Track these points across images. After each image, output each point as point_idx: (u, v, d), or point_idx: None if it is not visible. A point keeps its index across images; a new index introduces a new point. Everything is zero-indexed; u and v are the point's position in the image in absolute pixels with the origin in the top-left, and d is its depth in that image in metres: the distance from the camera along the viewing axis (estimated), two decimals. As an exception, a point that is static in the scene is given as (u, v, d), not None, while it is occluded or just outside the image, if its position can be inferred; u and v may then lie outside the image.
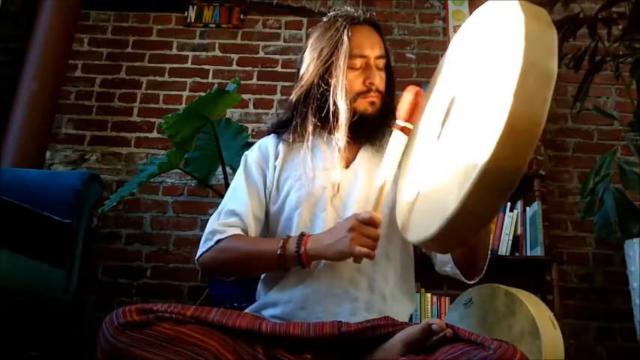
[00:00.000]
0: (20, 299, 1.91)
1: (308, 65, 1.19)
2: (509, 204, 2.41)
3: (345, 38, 1.14)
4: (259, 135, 2.45)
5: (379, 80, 1.17)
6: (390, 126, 1.21)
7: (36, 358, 2.09)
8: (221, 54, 2.90)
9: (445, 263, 1.11)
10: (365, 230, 0.99)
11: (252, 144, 1.31)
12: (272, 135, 1.27)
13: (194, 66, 2.87)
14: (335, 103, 1.13)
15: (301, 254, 1.03)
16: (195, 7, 2.94)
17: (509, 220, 2.38)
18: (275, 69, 2.86)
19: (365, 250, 0.97)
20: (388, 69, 1.22)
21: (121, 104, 2.82)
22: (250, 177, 1.21)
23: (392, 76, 1.23)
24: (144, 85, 2.84)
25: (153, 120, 2.78)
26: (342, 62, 1.13)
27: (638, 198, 2.21)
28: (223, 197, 1.24)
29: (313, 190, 1.13)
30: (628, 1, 2.21)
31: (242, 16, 2.94)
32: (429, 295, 2.33)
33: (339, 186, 1.14)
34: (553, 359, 1.12)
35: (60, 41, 2.66)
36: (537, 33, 0.69)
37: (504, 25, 0.77)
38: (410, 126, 1.02)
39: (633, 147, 2.13)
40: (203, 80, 2.85)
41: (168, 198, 2.67)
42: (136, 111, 2.81)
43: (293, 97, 1.21)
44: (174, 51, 2.90)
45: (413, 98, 1.01)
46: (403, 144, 1.02)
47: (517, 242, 2.37)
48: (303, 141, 1.17)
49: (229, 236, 1.13)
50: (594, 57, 2.23)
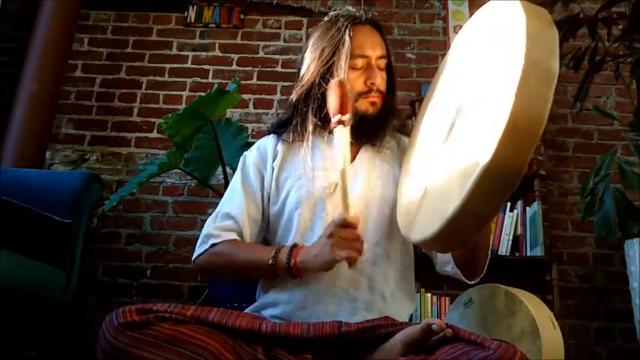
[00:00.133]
0: (20, 299, 1.91)
1: (309, 65, 1.19)
2: (509, 204, 2.41)
3: (347, 38, 1.14)
4: (259, 135, 2.45)
5: (380, 80, 1.17)
6: (391, 126, 1.21)
7: (36, 358, 2.09)
8: (221, 54, 2.90)
9: (445, 263, 1.11)
10: (343, 233, 0.98)
11: (252, 144, 1.31)
12: (272, 135, 1.27)
13: (194, 66, 2.87)
14: (336, 103, 1.13)
15: (292, 266, 1.03)
16: (195, 7, 2.94)
17: (509, 220, 2.38)
18: (275, 69, 2.86)
19: (348, 254, 0.96)
20: (389, 69, 1.22)
21: (121, 104, 2.81)
22: (247, 179, 1.21)
23: (393, 77, 1.23)
24: (144, 85, 2.84)
25: (153, 120, 2.78)
26: (344, 62, 1.13)
27: (638, 198, 2.21)
28: (222, 197, 1.24)
29: (313, 190, 1.13)
30: (628, 1, 2.21)
31: (242, 16, 2.94)
32: (429, 295, 2.33)
33: (338, 185, 1.14)
34: (553, 359, 1.12)
35: (60, 41, 2.65)
36: (539, 33, 0.70)
37: (506, 25, 0.77)
38: (344, 117, 1.02)
39: (633, 147, 2.13)
40: (203, 80, 2.85)
41: (168, 198, 2.67)
42: (136, 111, 2.81)
43: (293, 97, 1.21)
44: (174, 51, 2.90)
45: (338, 90, 1.02)
46: (347, 135, 1.03)
47: (517, 242, 2.37)
48: (303, 140, 1.17)
49: (224, 241, 1.13)
50: (594, 57, 2.23)
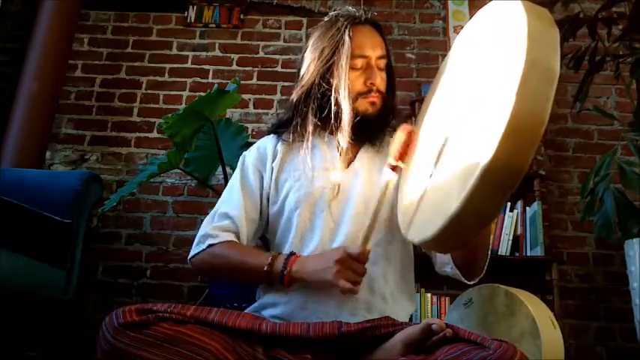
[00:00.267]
0: (20, 299, 1.91)
1: (309, 65, 1.18)
2: (509, 204, 2.41)
3: (347, 38, 1.14)
4: (259, 135, 2.45)
5: (380, 81, 1.16)
6: (391, 126, 1.21)
7: (36, 358, 2.09)
8: (221, 54, 2.90)
9: (445, 264, 1.11)
10: (352, 265, 0.98)
11: (252, 144, 1.31)
12: (271, 135, 1.27)
13: (194, 66, 2.87)
14: (337, 103, 1.13)
15: (284, 275, 1.04)
16: (195, 7, 2.94)
17: (509, 220, 2.38)
18: (275, 69, 2.86)
19: (348, 286, 0.97)
20: (389, 69, 1.21)
21: (121, 104, 2.81)
22: (246, 179, 1.21)
23: (393, 77, 1.23)
24: (144, 85, 2.84)
25: (153, 120, 2.78)
26: (344, 62, 1.13)
27: (638, 198, 2.21)
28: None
29: (312, 191, 1.13)
30: (628, 1, 2.21)
31: (242, 16, 2.94)
32: (429, 295, 2.33)
33: (339, 187, 1.14)
34: (553, 359, 1.12)
35: (60, 41, 2.65)
36: (540, 32, 0.69)
37: (507, 25, 0.77)
38: (402, 165, 1.02)
39: (633, 147, 2.13)
40: (203, 80, 2.85)
41: (168, 198, 2.67)
42: (136, 111, 2.81)
43: (293, 97, 1.21)
44: (174, 51, 2.90)
45: (406, 137, 1.01)
46: (394, 182, 1.02)
47: (517, 242, 2.37)
48: (302, 141, 1.17)
49: (221, 242, 1.13)
50: (594, 57, 2.23)
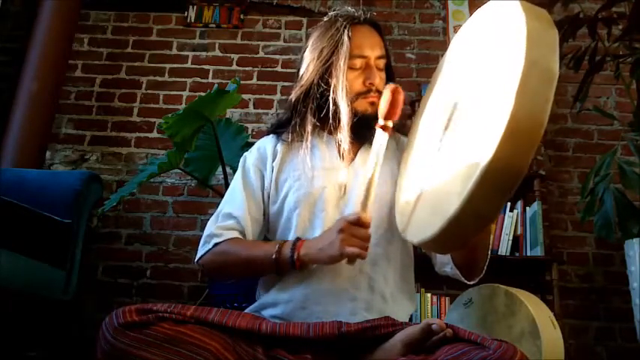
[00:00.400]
0: (20, 299, 1.91)
1: (308, 65, 1.18)
2: (509, 204, 2.41)
3: (346, 38, 1.14)
4: (259, 135, 2.45)
5: (379, 80, 1.16)
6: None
7: (36, 358, 2.09)
8: (221, 54, 2.90)
9: (445, 264, 1.11)
10: (354, 231, 0.99)
11: (252, 144, 1.31)
12: (271, 135, 1.27)
13: (194, 66, 2.87)
14: (336, 104, 1.13)
15: (295, 260, 1.04)
16: (195, 7, 2.94)
17: (509, 220, 2.39)
18: (275, 69, 2.86)
19: (355, 250, 0.97)
20: (388, 69, 1.21)
21: (121, 104, 2.82)
22: (248, 179, 1.21)
23: (392, 77, 1.23)
24: (144, 85, 2.84)
25: (153, 120, 2.78)
26: (343, 62, 1.13)
27: (638, 198, 2.21)
28: (223, 198, 1.24)
29: (312, 190, 1.13)
30: (628, 1, 2.21)
31: (242, 16, 2.94)
32: (429, 295, 2.33)
33: (346, 187, 1.14)
34: (553, 359, 1.12)
35: (60, 41, 2.65)
36: (539, 33, 0.70)
37: (505, 26, 0.77)
38: (390, 124, 1.03)
39: (633, 147, 2.13)
40: (203, 80, 2.85)
41: (168, 198, 2.67)
42: (136, 111, 2.81)
43: (292, 97, 1.21)
44: (174, 51, 2.90)
45: (390, 96, 1.02)
46: (385, 141, 1.03)
47: (517, 242, 2.37)
48: (302, 141, 1.17)
49: (226, 240, 1.13)
50: (594, 57, 2.23)
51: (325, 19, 1.22)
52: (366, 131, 1.16)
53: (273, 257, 1.06)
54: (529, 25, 0.69)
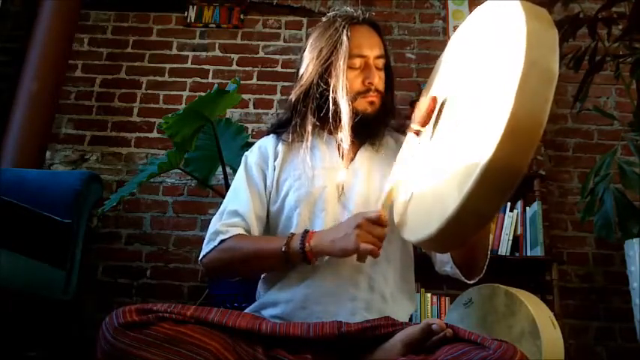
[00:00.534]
0: (20, 299, 1.91)
1: (307, 65, 1.19)
2: (509, 204, 2.41)
3: (345, 38, 1.14)
4: (259, 135, 2.45)
5: (378, 80, 1.17)
6: (390, 126, 1.21)
7: (36, 358, 2.09)
8: (221, 54, 2.90)
9: (445, 263, 1.11)
10: (371, 229, 0.99)
11: (252, 144, 1.31)
12: (271, 135, 1.27)
13: (194, 66, 2.87)
14: (335, 103, 1.13)
15: (306, 251, 1.03)
16: (195, 7, 2.95)
17: (509, 220, 2.39)
18: (275, 69, 2.86)
19: (370, 247, 0.98)
20: (388, 69, 1.22)
21: (121, 104, 2.82)
22: (251, 177, 1.21)
23: (391, 76, 1.23)
24: (144, 85, 2.84)
25: (153, 120, 2.78)
26: (342, 62, 1.13)
27: (638, 198, 2.21)
28: (223, 197, 1.24)
29: (312, 190, 1.13)
30: (628, 1, 2.21)
31: (242, 16, 2.94)
32: (429, 295, 2.33)
33: (343, 186, 1.14)
34: (553, 359, 1.12)
35: (60, 41, 2.66)
36: (538, 32, 0.69)
37: (505, 25, 0.77)
38: (422, 129, 1.03)
39: (633, 147, 2.13)
40: (203, 80, 2.85)
41: (168, 198, 2.67)
42: (136, 111, 2.81)
43: (292, 97, 1.21)
44: (174, 51, 2.90)
45: (431, 104, 1.02)
46: (415, 147, 1.03)
47: (517, 242, 2.37)
48: (302, 141, 1.17)
49: (232, 236, 1.13)
50: (594, 57, 2.23)
51: (324, 19, 1.22)
52: (366, 131, 1.17)
53: (282, 250, 1.05)
54: (529, 25, 0.69)
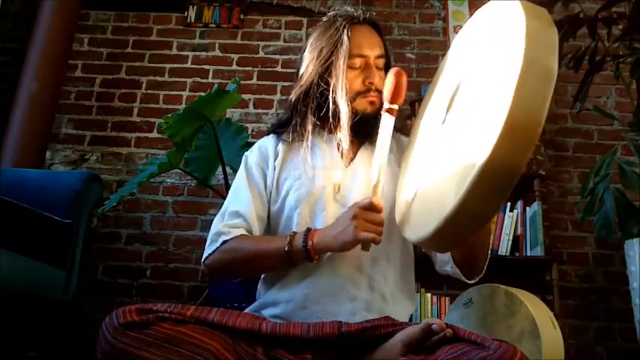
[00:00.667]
0: (20, 299, 1.91)
1: (307, 65, 1.19)
2: (509, 204, 2.41)
3: (345, 38, 1.14)
4: (259, 135, 2.45)
5: (379, 80, 1.16)
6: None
7: (36, 358, 2.09)
8: (221, 54, 2.90)
9: (445, 263, 1.11)
10: (368, 216, 0.99)
11: (252, 144, 1.31)
12: (271, 135, 1.27)
13: (194, 66, 2.88)
14: (335, 103, 1.13)
15: (309, 249, 1.03)
16: (195, 7, 2.95)
17: (509, 220, 2.38)
18: (275, 69, 2.86)
19: (370, 235, 0.98)
20: (388, 69, 1.21)
21: (121, 104, 2.82)
22: (252, 178, 1.21)
23: (392, 76, 1.23)
24: (144, 85, 2.84)
25: (153, 120, 2.78)
26: (342, 62, 1.13)
27: (638, 198, 2.21)
28: (223, 197, 1.24)
29: (313, 190, 1.13)
30: (628, 1, 2.21)
31: (242, 16, 2.94)
32: (429, 295, 2.33)
33: (340, 185, 1.14)
34: (553, 359, 1.12)
35: (60, 41, 2.66)
36: (538, 32, 0.70)
37: (505, 25, 0.77)
38: (395, 107, 1.05)
39: (633, 147, 2.13)
40: (203, 80, 2.85)
41: (168, 198, 2.67)
42: (136, 111, 2.81)
43: (292, 97, 1.21)
44: (174, 51, 2.90)
45: (394, 79, 1.04)
46: (392, 125, 1.05)
47: (517, 242, 2.37)
48: (302, 140, 1.17)
49: (235, 237, 1.13)
50: (594, 57, 2.23)
51: (325, 19, 1.22)
52: (366, 130, 1.17)
53: (285, 249, 1.05)
54: (528, 24, 0.69)
